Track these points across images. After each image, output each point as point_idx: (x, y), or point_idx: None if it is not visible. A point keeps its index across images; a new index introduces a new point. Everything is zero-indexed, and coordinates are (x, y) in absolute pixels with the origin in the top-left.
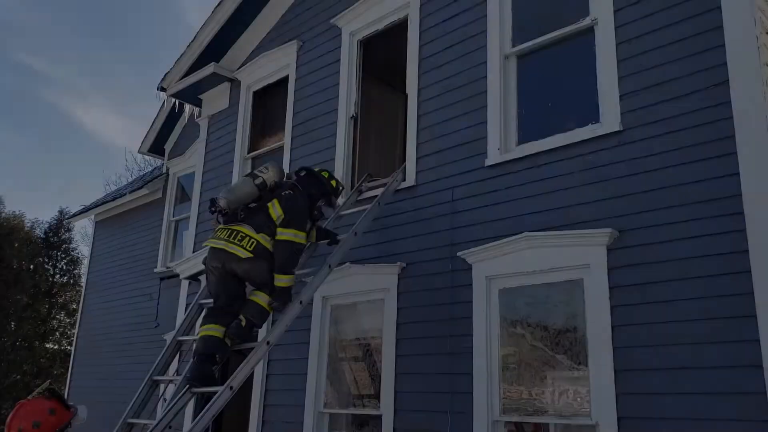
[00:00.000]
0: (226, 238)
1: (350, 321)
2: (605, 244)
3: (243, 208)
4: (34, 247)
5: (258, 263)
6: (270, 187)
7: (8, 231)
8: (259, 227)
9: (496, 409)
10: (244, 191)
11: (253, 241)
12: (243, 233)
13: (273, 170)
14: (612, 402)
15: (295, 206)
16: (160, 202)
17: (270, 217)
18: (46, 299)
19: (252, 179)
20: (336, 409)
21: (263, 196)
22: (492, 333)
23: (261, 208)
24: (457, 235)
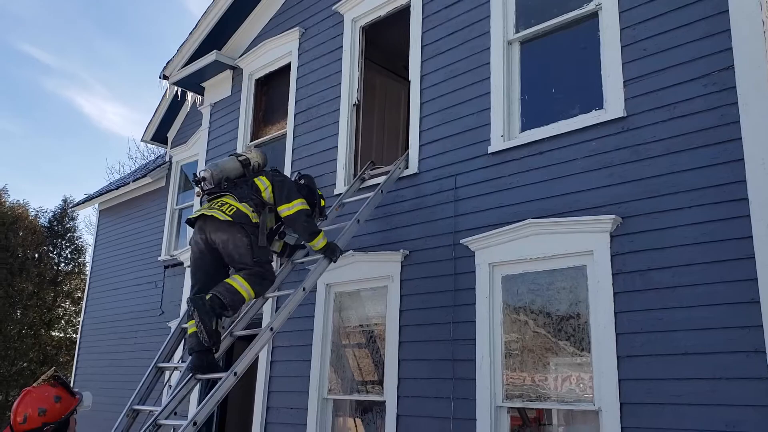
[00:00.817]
0: (206, 207)
1: (354, 308)
2: (609, 231)
3: (227, 180)
4: (38, 235)
5: (236, 231)
6: (253, 168)
7: (13, 220)
8: (242, 197)
9: (499, 395)
10: (228, 165)
11: (233, 207)
12: (223, 201)
13: (257, 152)
14: (614, 388)
15: (287, 181)
16: (164, 191)
17: (256, 189)
18: (52, 287)
19: (236, 157)
20: (340, 395)
21: (247, 174)
22: (495, 320)
23: (245, 182)
24: (460, 223)
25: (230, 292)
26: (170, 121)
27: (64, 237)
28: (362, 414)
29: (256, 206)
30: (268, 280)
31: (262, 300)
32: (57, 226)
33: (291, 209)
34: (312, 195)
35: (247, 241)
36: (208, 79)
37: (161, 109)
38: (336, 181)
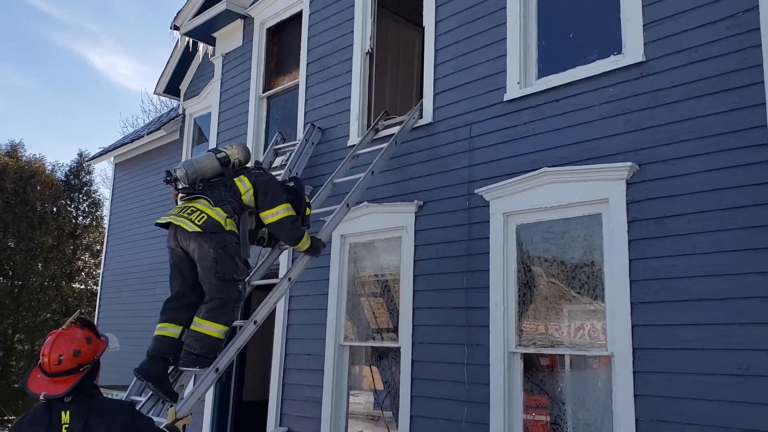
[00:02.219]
0: (176, 213)
1: (368, 258)
2: (625, 179)
3: (201, 180)
4: (56, 189)
5: (204, 241)
6: (234, 165)
7: (30, 174)
8: (217, 200)
9: (512, 342)
10: (204, 164)
11: (203, 216)
12: (194, 208)
13: (238, 148)
14: (628, 333)
15: (272, 182)
16: (178, 144)
17: (235, 191)
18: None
19: (214, 153)
20: (356, 342)
21: (226, 173)
22: (508, 268)
23: (224, 183)
24: (474, 172)
25: (198, 340)
26: (182, 73)
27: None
28: (378, 360)
29: (233, 211)
30: (232, 301)
31: (278, 250)
32: (74, 180)
33: (275, 216)
34: (298, 201)
35: (213, 253)
36: (219, 28)
37: (173, 60)
38: (349, 132)
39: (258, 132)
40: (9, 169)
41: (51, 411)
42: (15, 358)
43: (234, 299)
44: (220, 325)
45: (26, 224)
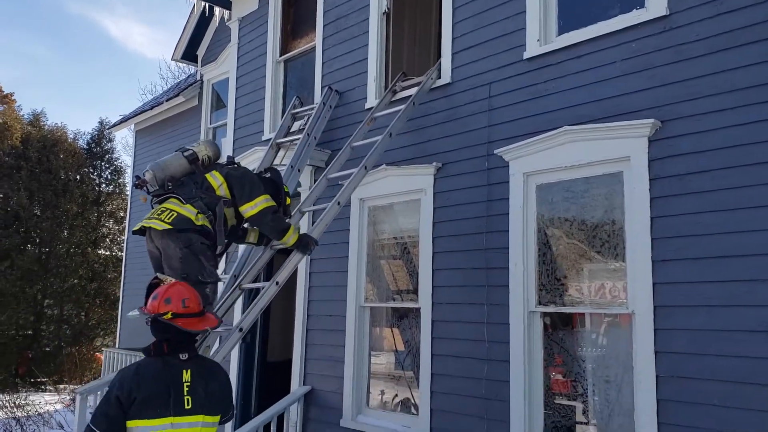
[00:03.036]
0: (148, 217)
1: (387, 221)
2: (647, 136)
3: (171, 180)
4: (78, 157)
5: (171, 240)
6: (203, 162)
7: (53, 143)
8: (188, 197)
9: (532, 301)
10: (172, 163)
11: (173, 213)
12: (164, 208)
13: (205, 144)
14: (649, 291)
15: (247, 176)
16: (197, 110)
17: (207, 187)
18: (95, 207)
19: (181, 152)
20: (376, 303)
21: (196, 171)
22: (528, 228)
23: (194, 180)
24: (494, 133)
25: None
26: (199, 39)
27: (103, 158)
28: (398, 321)
29: (206, 206)
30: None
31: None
32: (95, 148)
33: (254, 208)
34: (277, 192)
35: (179, 253)
36: None
37: (189, 26)
38: (367, 94)
39: (275, 96)
40: (32, 138)
41: (170, 369)
42: (45, 323)
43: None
44: None
45: (51, 192)
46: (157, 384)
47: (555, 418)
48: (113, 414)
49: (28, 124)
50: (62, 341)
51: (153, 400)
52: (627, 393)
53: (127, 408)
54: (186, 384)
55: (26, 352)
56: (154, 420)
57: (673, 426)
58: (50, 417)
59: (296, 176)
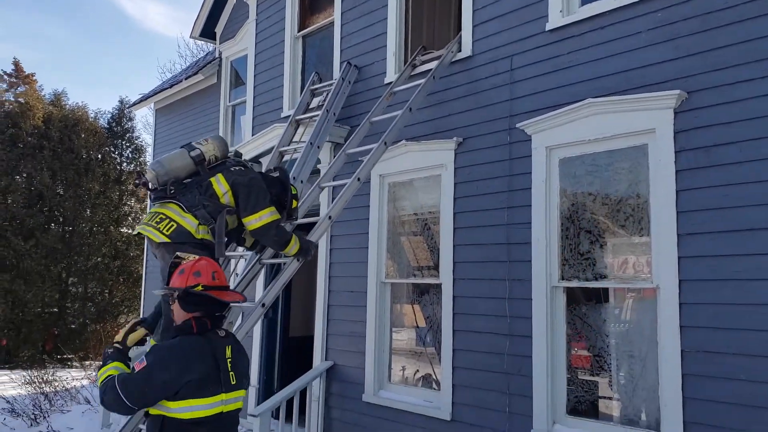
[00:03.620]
0: (147, 222)
1: (407, 198)
2: (672, 107)
3: (174, 183)
4: (99, 136)
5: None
6: (209, 162)
7: (74, 122)
8: (190, 205)
9: (554, 276)
10: (176, 164)
11: (173, 224)
12: (164, 215)
13: (213, 143)
14: (674, 265)
15: (254, 184)
16: (216, 87)
17: (211, 193)
18: (116, 186)
19: (188, 151)
20: (397, 279)
21: (201, 172)
22: (551, 203)
23: (198, 183)
24: (515, 106)
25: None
26: (217, 16)
27: (124, 137)
28: (419, 297)
29: (209, 215)
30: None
31: (318, 190)
32: (116, 127)
33: (258, 221)
34: (284, 193)
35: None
36: None
37: (207, 3)
38: (386, 69)
39: (294, 72)
40: (54, 118)
41: (214, 346)
42: (70, 300)
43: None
44: None
45: (73, 171)
46: (207, 363)
47: (578, 392)
48: (152, 395)
49: (49, 104)
50: (87, 318)
51: (206, 379)
52: (651, 368)
53: (177, 389)
54: (229, 360)
55: (52, 329)
56: (208, 398)
57: (699, 401)
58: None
59: (315, 153)
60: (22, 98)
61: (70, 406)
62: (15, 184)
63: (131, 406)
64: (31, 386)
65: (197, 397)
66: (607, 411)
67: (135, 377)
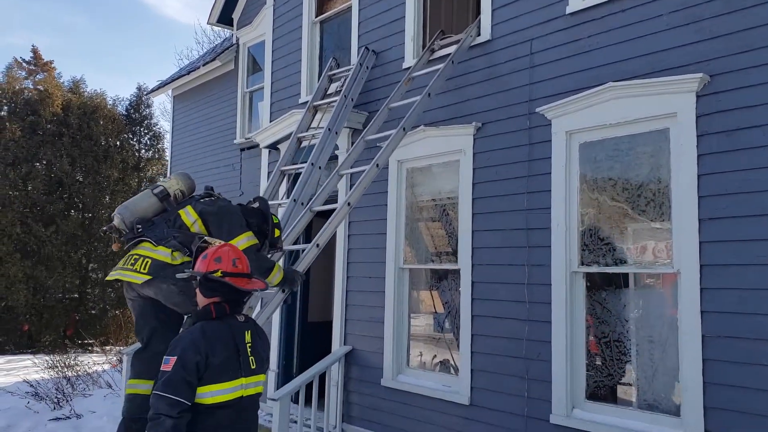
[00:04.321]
0: (122, 266)
1: (425, 183)
2: (695, 91)
3: (140, 222)
4: (117, 123)
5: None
6: (175, 198)
7: (93, 109)
8: (160, 239)
9: (574, 261)
10: (141, 205)
11: (147, 261)
12: (137, 255)
13: (176, 178)
14: (695, 250)
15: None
16: (234, 74)
17: (180, 225)
18: (135, 173)
19: (151, 189)
20: (415, 264)
21: (168, 208)
22: (571, 187)
23: (167, 219)
24: (535, 91)
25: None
26: (234, 1)
27: (142, 124)
28: (437, 282)
29: (182, 244)
30: None
31: (337, 177)
32: (134, 114)
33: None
34: (265, 222)
35: (176, 288)
36: None
37: None
38: (404, 54)
39: (312, 58)
40: (73, 105)
41: (234, 331)
42: (90, 286)
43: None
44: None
45: (92, 158)
46: (227, 347)
47: (597, 378)
48: (192, 380)
49: (68, 91)
50: (107, 304)
51: (227, 363)
52: (671, 353)
53: (202, 373)
54: (248, 345)
55: (73, 314)
56: (229, 382)
57: (720, 386)
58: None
59: (333, 139)
60: (41, 86)
61: (91, 390)
62: (35, 171)
63: (185, 401)
64: (53, 370)
65: (218, 381)
66: (626, 396)
67: (171, 374)
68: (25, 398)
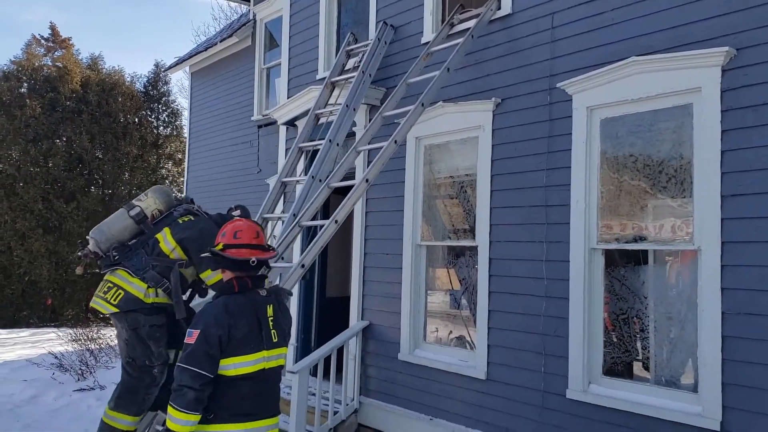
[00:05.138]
0: (97, 293)
1: (443, 160)
2: (720, 65)
3: (117, 248)
4: (136, 100)
5: (120, 321)
6: (153, 218)
7: (111, 86)
8: (137, 268)
9: (593, 238)
10: (115, 227)
11: (120, 293)
12: (112, 283)
13: (153, 196)
14: (717, 227)
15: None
16: (251, 50)
17: (159, 251)
18: (154, 150)
19: (127, 210)
20: (432, 241)
21: (146, 230)
22: (591, 164)
23: (144, 242)
24: (556, 66)
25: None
26: None
27: (160, 101)
28: (454, 259)
29: (160, 275)
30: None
31: (354, 154)
32: (152, 91)
33: (214, 276)
34: None
35: (125, 335)
36: None
37: None
38: (423, 28)
39: (329, 33)
40: (91, 81)
41: (256, 304)
42: None
43: (145, 386)
44: (129, 416)
45: (111, 135)
46: (250, 320)
47: (614, 354)
48: (214, 353)
49: (86, 68)
50: None
51: (249, 336)
52: (690, 330)
53: (225, 346)
54: (270, 318)
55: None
56: (251, 355)
57: (738, 362)
58: None
59: (351, 115)
60: (60, 62)
61: (114, 362)
62: (56, 148)
63: (208, 374)
64: (76, 343)
65: (241, 354)
66: (643, 372)
67: (194, 346)
68: (50, 370)
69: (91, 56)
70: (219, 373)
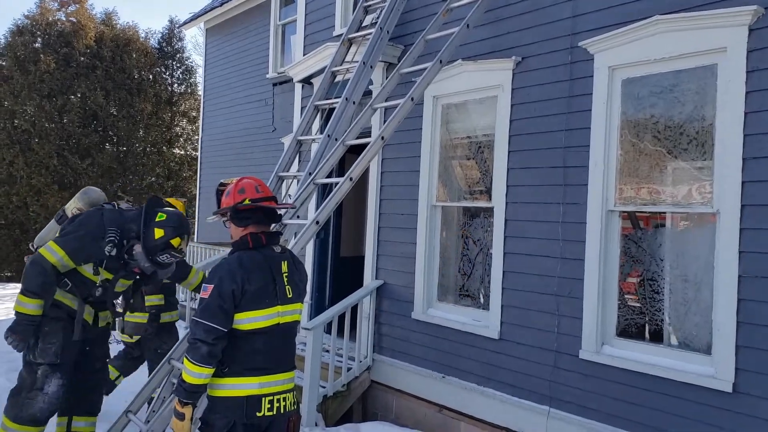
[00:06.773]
0: None
1: (461, 120)
2: (747, 24)
3: None
4: (150, 57)
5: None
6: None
7: (125, 42)
8: None
9: (611, 200)
10: (47, 231)
11: None
12: None
13: (76, 198)
14: (737, 190)
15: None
16: (266, 6)
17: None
18: (168, 107)
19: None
20: (448, 202)
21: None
22: (611, 125)
23: None
24: (578, 24)
25: None
26: None
27: (174, 58)
28: (469, 220)
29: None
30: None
31: (370, 111)
32: (166, 48)
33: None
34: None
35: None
36: None
37: None
38: None
39: None
40: (105, 37)
41: (270, 260)
42: None
43: (27, 387)
44: (8, 420)
45: (125, 92)
46: (264, 275)
47: (629, 315)
48: (228, 307)
49: (100, 23)
50: None
51: (262, 291)
52: (705, 292)
53: (239, 301)
54: (285, 274)
55: None
56: (265, 310)
57: (753, 325)
58: None
59: (368, 73)
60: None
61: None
62: (70, 104)
63: (222, 329)
64: None
65: (255, 308)
66: (657, 334)
67: (208, 300)
68: None
69: (105, 12)
70: (233, 327)
